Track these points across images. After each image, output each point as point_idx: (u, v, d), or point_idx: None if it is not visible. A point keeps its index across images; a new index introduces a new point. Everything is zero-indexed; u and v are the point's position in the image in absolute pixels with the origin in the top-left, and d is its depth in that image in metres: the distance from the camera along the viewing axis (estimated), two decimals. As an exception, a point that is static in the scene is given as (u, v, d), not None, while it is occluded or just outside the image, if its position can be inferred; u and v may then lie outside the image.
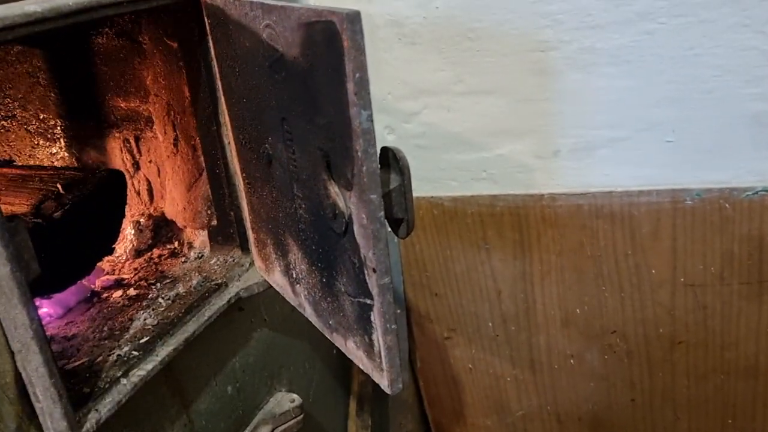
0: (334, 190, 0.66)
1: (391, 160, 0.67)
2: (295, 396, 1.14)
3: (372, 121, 0.58)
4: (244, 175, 0.92)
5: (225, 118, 0.91)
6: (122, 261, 1.08)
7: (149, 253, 1.09)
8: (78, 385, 0.74)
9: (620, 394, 1.39)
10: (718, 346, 1.27)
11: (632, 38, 1.11)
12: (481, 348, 1.43)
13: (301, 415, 1.13)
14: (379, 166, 0.60)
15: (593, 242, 1.24)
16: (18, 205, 0.80)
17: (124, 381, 0.77)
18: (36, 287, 0.64)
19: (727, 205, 1.15)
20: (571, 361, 1.38)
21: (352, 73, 0.56)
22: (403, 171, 0.67)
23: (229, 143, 0.93)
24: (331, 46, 0.57)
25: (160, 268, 1.04)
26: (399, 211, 0.69)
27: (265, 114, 0.77)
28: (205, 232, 1.05)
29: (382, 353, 0.68)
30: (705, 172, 1.16)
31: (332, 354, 1.33)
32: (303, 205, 0.76)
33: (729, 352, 1.27)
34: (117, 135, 1.13)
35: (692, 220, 1.18)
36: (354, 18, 0.55)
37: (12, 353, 0.63)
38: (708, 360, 1.29)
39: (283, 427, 1.12)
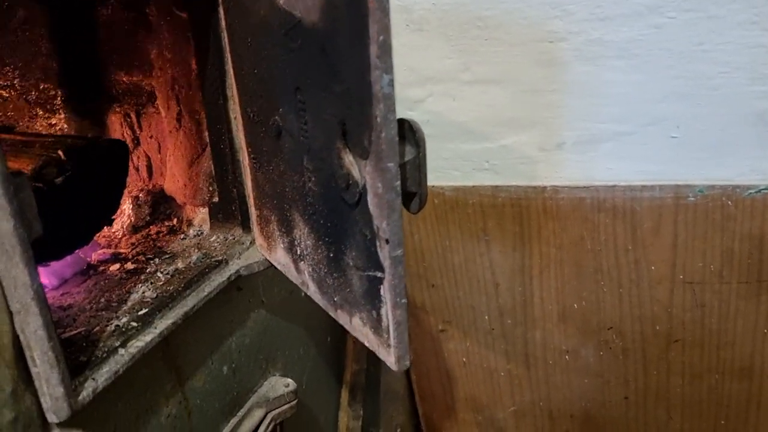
0: (348, 159, 0.65)
1: (407, 131, 0.66)
2: (289, 381, 1.13)
3: (393, 86, 0.57)
4: (249, 150, 0.91)
5: (233, 91, 0.90)
6: (119, 236, 1.06)
7: (147, 230, 1.07)
8: (75, 354, 0.73)
9: (614, 392, 1.38)
10: (714, 346, 1.27)
11: (641, 32, 1.10)
12: (476, 341, 1.42)
13: (295, 401, 1.12)
14: (397, 135, 0.59)
15: (594, 236, 1.23)
16: (19, 167, 0.79)
17: (121, 351, 0.75)
18: (36, 249, 0.62)
19: (729, 202, 1.15)
20: (566, 356, 1.37)
21: (377, 35, 0.55)
22: (419, 143, 0.66)
23: (235, 118, 0.92)
24: (355, 7, 0.56)
25: (158, 244, 1.02)
26: (412, 185, 0.67)
27: (278, 84, 0.76)
28: (206, 210, 1.03)
29: (391, 328, 0.67)
30: (709, 169, 1.15)
31: (327, 342, 1.32)
32: (312, 178, 0.74)
33: (725, 351, 1.27)
34: (118, 109, 1.11)
35: (694, 217, 1.17)
36: (380, -22, 0.54)
37: (11, 314, 0.62)
38: (703, 359, 1.29)
39: (276, 411, 1.10)
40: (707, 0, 1.07)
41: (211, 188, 1.01)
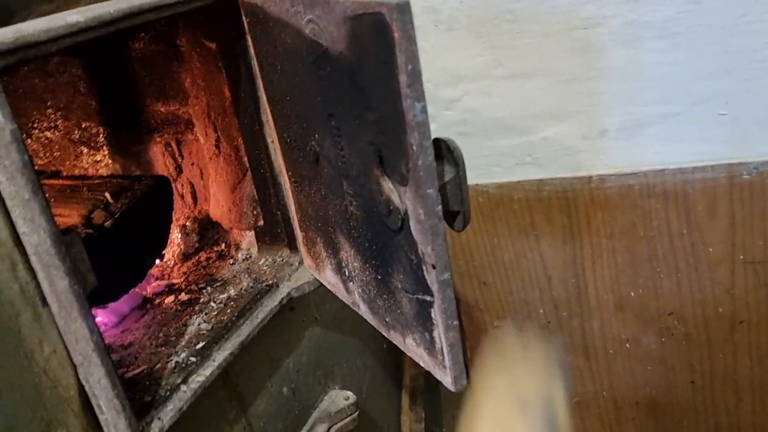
0: (387, 185, 0.64)
1: (444, 151, 0.65)
2: (349, 393, 1.14)
3: (426, 113, 0.56)
4: (289, 173, 0.91)
5: (267, 116, 0.90)
6: (171, 265, 1.08)
7: (197, 256, 1.09)
8: (139, 394, 0.74)
9: (679, 377, 1.35)
10: (782, 324, 1.23)
11: (679, 9, 1.07)
12: (533, 335, 1.41)
13: (356, 412, 1.13)
14: (434, 159, 0.58)
15: (646, 223, 1.20)
16: (68, 216, 0.80)
17: (183, 388, 0.76)
18: (92, 298, 0.63)
19: (786, 177, 1.11)
20: (627, 345, 1.35)
21: (405, 65, 0.54)
22: (458, 162, 0.65)
23: (272, 142, 0.92)
24: (380, 38, 0.55)
25: (208, 271, 1.03)
26: (454, 204, 0.67)
27: (311, 111, 0.76)
28: (252, 233, 1.04)
29: (445, 350, 0.66)
30: (762, 145, 1.11)
31: (383, 349, 1.32)
32: (354, 202, 0.74)
33: (793, 329, 1.23)
34: (158, 139, 1.12)
35: (750, 195, 1.14)
36: (404, 8, 0.53)
37: (74, 366, 0.63)
38: (771, 338, 1.25)
39: (339, 425, 1.11)
40: (746, -30, 1.03)
41: (255, 212, 1.02)
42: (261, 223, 1.02)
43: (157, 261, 1.03)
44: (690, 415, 1.40)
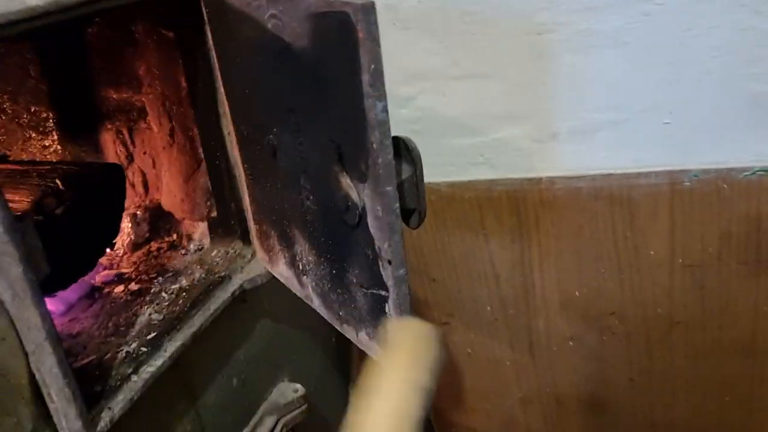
0: (346, 181, 0.65)
1: (402, 150, 0.66)
2: (298, 386, 1.14)
3: (387, 112, 0.58)
4: (245, 166, 0.91)
5: (225, 108, 0.90)
6: (120, 255, 1.06)
7: (148, 246, 1.08)
8: (88, 384, 0.74)
9: (619, 375, 1.40)
10: (716, 326, 1.28)
11: (630, 19, 1.10)
12: (480, 332, 1.44)
13: (305, 405, 1.13)
14: (393, 157, 0.59)
15: (592, 225, 1.24)
16: (18, 201, 0.79)
17: (134, 378, 0.76)
18: (42, 286, 0.63)
19: (725, 185, 1.16)
20: (570, 343, 1.38)
21: (368, 65, 0.55)
22: (415, 161, 0.66)
23: (229, 134, 0.92)
24: (344, 37, 0.56)
25: (159, 261, 1.02)
26: (411, 202, 0.68)
27: (271, 105, 0.76)
28: (205, 224, 1.04)
29: (398, 344, 0.67)
30: (703, 153, 1.16)
31: (332, 342, 1.33)
32: (311, 197, 0.75)
33: (726, 331, 1.28)
34: (110, 127, 1.11)
35: (690, 201, 1.18)
36: (369, 9, 0.54)
37: (26, 354, 0.63)
38: (706, 340, 1.30)
39: (287, 417, 1.12)
40: (694, -15, 1.07)
41: (208, 203, 1.02)
42: (214, 214, 1.01)
43: (108, 250, 1.02)
44: (628, 412, 1.45)
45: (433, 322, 1.45)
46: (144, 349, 0.80)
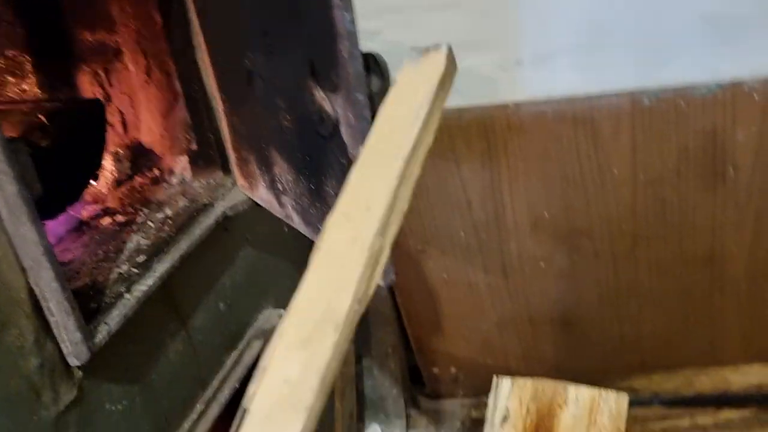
0: (319, 94, 0.69)
1: (372, 64, 0.70)
2: (282, 311, 1.19)
3: (354, 24, 0.61)
4: (222, 96, 0.94)
5: (199, 39, 0.92)
6: (105, 192, 1.10)
7: (130, 182, 1.11)
8: (85, 302, 0.78)
9: (588, 292, 1.47)
10: (677, 239, 1.36)
11: (587, -57, 1.14)
12: (455, 258, 1.49)
13: (290, 330, 1.18)
14: (363, 66, 0.63)
15: (557, 147, 1.29)
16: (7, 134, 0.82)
17: (127, 296, 0.80)
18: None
19: (682, 102, 1.21)
20: (541, 263, 1.45)
21: (335, -24, 0.58)
22: (384, 74, 0.70)
23: (204, 65, 0.95)
24: (312, -49, 0.59)
25: (143, 195, 1.06)
26: (382, 114, 0.72)
27: (245, 30, 0.79)
28: (186, 158, 1.07)
29: (375, 248, 0.72)
30: (661, 73, 1.21)
31: (314, 272, 1.38)
32: (288, 117, 0.79)
33: (687, 243, 1.36)
34: (86, 68, 1.13)
35: (650, 120, 1.24)
36: None
37: (24, 270, 0.66)
38: (668, 253, 1.38)
39: (274, 341, 1.17)
40: None
41: (188, 136, 1.05)
42: (194, 147, 1.05)
43: (91, 185, 1.05)
44: (598, 328, 1.53)
45: (409, 251, 1.51)
46: (135, 270, 0.84)
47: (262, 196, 0.96)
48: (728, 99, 1.20)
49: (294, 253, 1.27)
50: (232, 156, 1.01)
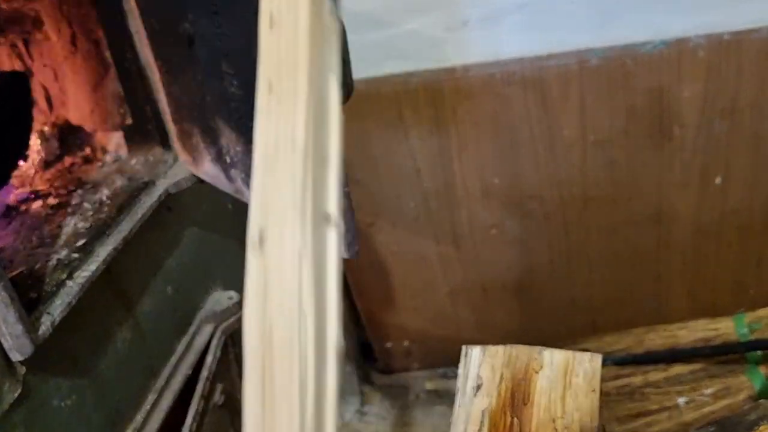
0: (274, 54, 0.64)
1: (327, 20, 0.65)
2: (232, 293, 1.14)
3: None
4: (159, 63, 0.88)
5: (130, 3, 0.85)
6: (32, 174, 1.01)
7: (60, 163, 1.03)
8: (23, 292, 0.71)
9: (540, 257, 1.47)
10: (626, 199, 1.36)
11: None
12: (405, 229, 1.46)
13: (240, 312, 1.13)
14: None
15: (507, 110, 1.27)
16: None
17: (70, 283, 0.74)
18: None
19: (628, 61, 1.21)
20: (493, 231, 1.43)
21: None
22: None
23: (137, 32, 0.88)
24: None
25: (76, 176, 0.98)
26: (340, 74, 0.67)
27: (183, -12, 0.73)
28: (120, 133, 1.00)
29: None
30: (607, 31, 1.20)
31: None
32: (234, 82, 0.73)
33: (635, 203, 1.36)
34: (2, 40, 1.04)
35: (597, 79, 1.23)
36: None
37: (-49, 260, 0.60)
38: (617, 213, 1.38)
39: (225, 324, 1.12)
40: None
41: (121, 110, 0.98)
42: (129, 121, 0.98)
43: (21, 161, 0.97)
44: (550, 292, 1.53)
45: (358, 225, 1.47)
46: (75, 255, 0.77)
47: (208, 170, 0.90)
48: (674, 56, 1.20)
49: (240, 232, 1.22)
50: (172, 129, 0.94)
